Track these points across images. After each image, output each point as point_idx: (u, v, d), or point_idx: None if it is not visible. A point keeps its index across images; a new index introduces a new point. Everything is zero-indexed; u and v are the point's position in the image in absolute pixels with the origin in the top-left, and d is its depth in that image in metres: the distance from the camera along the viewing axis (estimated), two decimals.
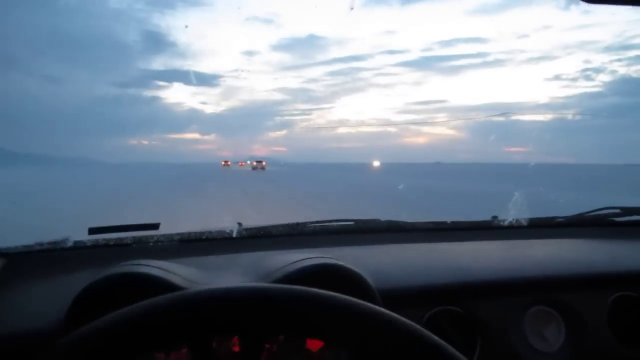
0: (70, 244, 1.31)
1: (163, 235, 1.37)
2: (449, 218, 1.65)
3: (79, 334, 0.56)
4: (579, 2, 0.87)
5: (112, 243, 1.33)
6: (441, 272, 1.24)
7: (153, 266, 1.02)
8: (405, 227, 1.59)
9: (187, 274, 1.05)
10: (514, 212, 1.70)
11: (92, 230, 1.32)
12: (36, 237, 1.31)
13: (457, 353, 0.61)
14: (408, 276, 1.20)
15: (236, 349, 0.92)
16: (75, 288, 0.98)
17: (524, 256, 1.44)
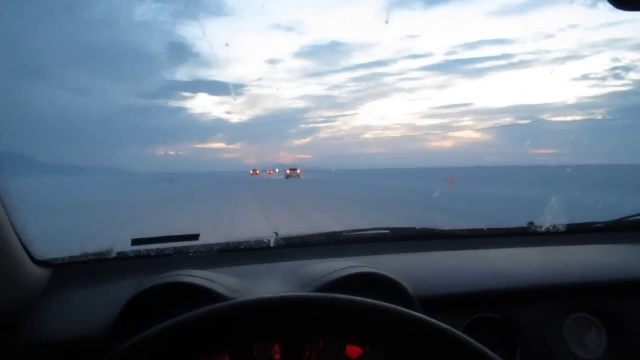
0: (114, 254, 1.35)
1: (203, 246, 1.40)
2: (484, 224, 1.63)
3: (132, 343, 0.60)
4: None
5: (153, 254, 1.37)
6: (478, 279, 1.23)
7: (197, 276, 1.06)
8: (441, 235, 1.58)
9: (229, 284, 1.08)
10: (550, 217, 1.66)
11: (135, 242, 1.36)
12: (79, 247, 1.36)
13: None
14: (446, 283, 1.20)
15: (277, 356, 0.94)
16: (120, 298, 1.02)
17: (562, 262, 1.41)
